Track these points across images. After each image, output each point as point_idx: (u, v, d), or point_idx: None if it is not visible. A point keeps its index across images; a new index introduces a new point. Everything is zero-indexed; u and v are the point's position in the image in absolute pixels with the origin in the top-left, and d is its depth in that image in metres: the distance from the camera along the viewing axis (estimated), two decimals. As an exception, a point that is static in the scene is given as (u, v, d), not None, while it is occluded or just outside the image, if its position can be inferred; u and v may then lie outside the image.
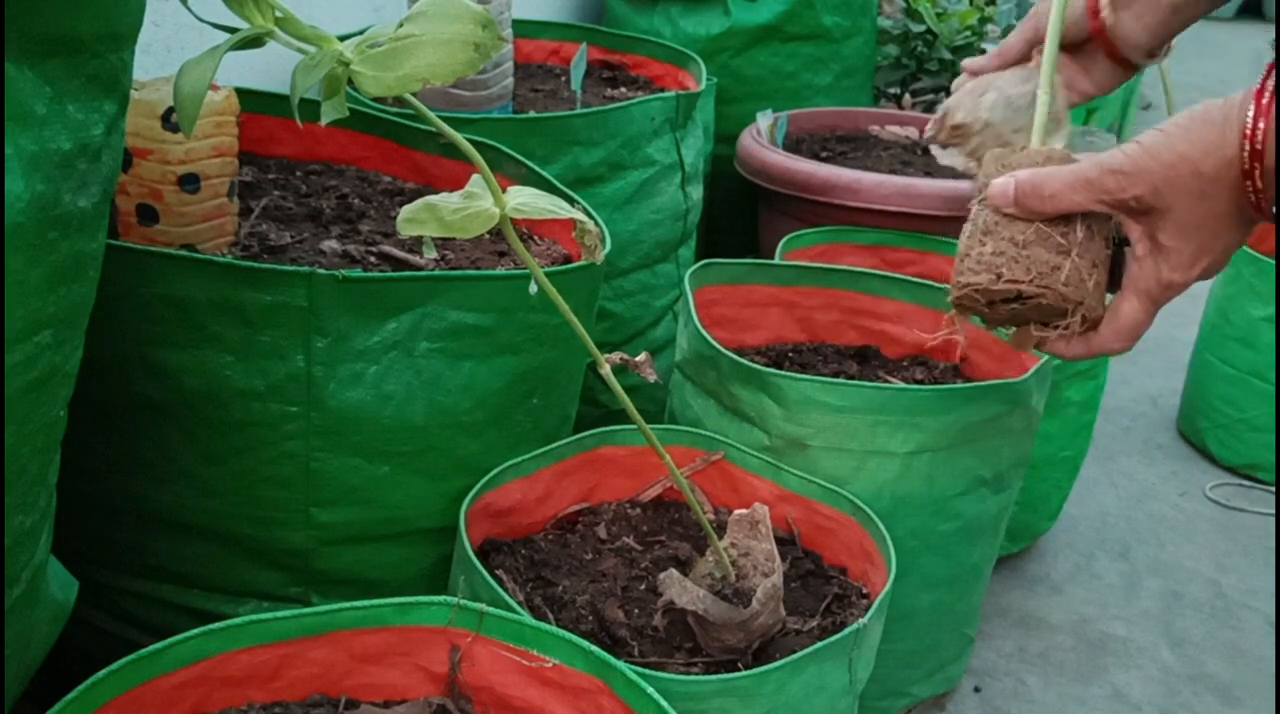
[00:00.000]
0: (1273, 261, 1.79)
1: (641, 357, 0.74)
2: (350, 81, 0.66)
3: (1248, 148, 0.56)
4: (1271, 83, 0.57)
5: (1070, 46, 0.82)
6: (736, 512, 0.93)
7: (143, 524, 0.95)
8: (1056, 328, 0.65)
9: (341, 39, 0.65)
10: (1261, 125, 0.56)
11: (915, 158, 1.84)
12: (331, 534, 0.95)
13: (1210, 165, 0.57)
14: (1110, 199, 0.61)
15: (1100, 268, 0.63)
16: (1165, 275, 0.61)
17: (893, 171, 1.73)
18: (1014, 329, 0.70)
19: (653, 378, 0.74)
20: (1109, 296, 0.66)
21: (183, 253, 0.96)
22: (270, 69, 1.44)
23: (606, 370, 0.73)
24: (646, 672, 0.77)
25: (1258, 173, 0.56)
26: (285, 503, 0.93)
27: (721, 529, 0.96)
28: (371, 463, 0.93)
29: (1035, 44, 0.81)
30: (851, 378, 1.30)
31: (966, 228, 0.67)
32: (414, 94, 0.62)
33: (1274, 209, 0.58)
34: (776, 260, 1.43)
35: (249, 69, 1.39)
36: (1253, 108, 0.57)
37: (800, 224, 1.58)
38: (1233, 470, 1.94)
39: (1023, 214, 0.62)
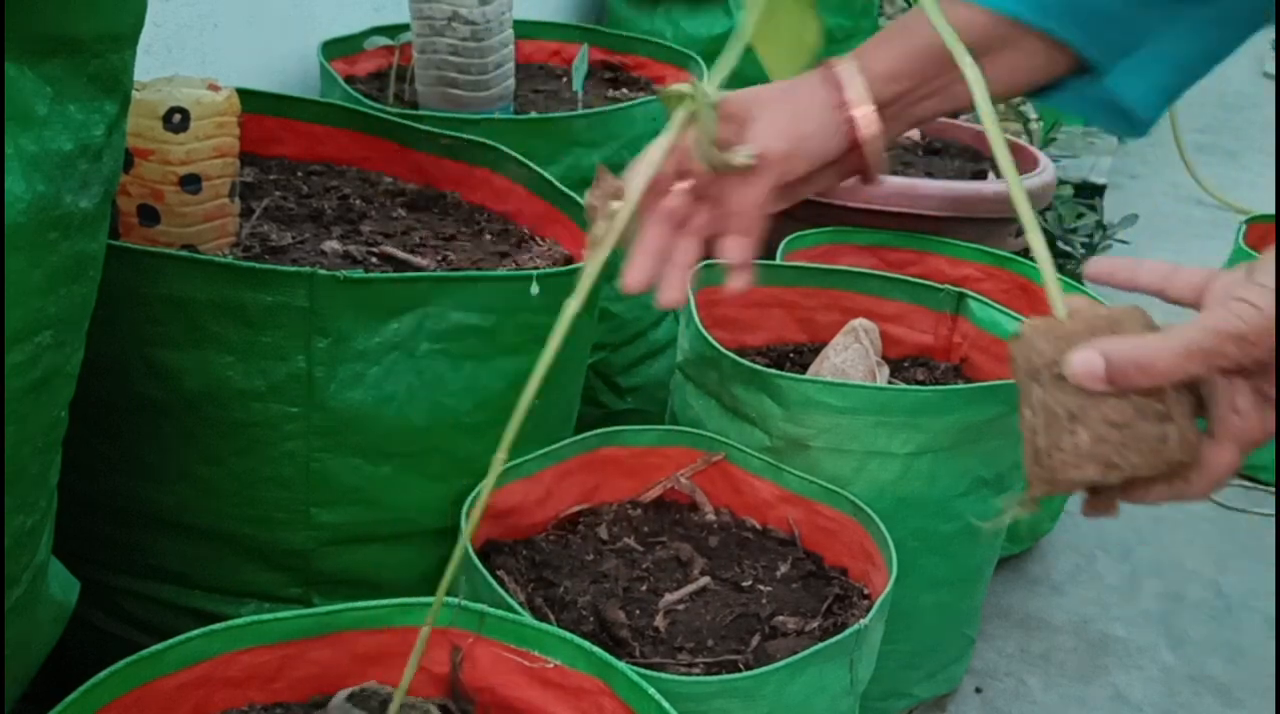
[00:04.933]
0: (1274, 262, 1.79)
1: None
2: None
3: None
4: None
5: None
6: None
7: (144, 525, 0.95)
8: (1149, 488, 0.59)
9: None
10: None
11: (916, 158, 1.84)
12: (332, 535, 0.95)
13: None
14: (1229, 365, 0.56)
15: (1192, 418, 0.58)
16: (1270, 425, 0.58)
17: (893, 172, 1.73)
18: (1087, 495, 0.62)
19: None
20: None
21: (184, 253, 0.96)
22: (271, 69, 1.44)
23: None
24: (648, 672, 0.77)
25: None
26: (286, 503, 0.93)
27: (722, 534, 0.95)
28: (372, 463, 0.93)
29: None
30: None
31: (1031, 413, 0.58)
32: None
33: None
34: (777, 261, 1.43)
35: (250, 69, 1.40)
36: None
37: (801, 224, 1.57)
38: (1234, 471, 1.93)
39: (1118, 390, 0.56)
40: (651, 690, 0.74)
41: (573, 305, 0.64)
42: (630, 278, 0.71)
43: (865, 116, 0.75)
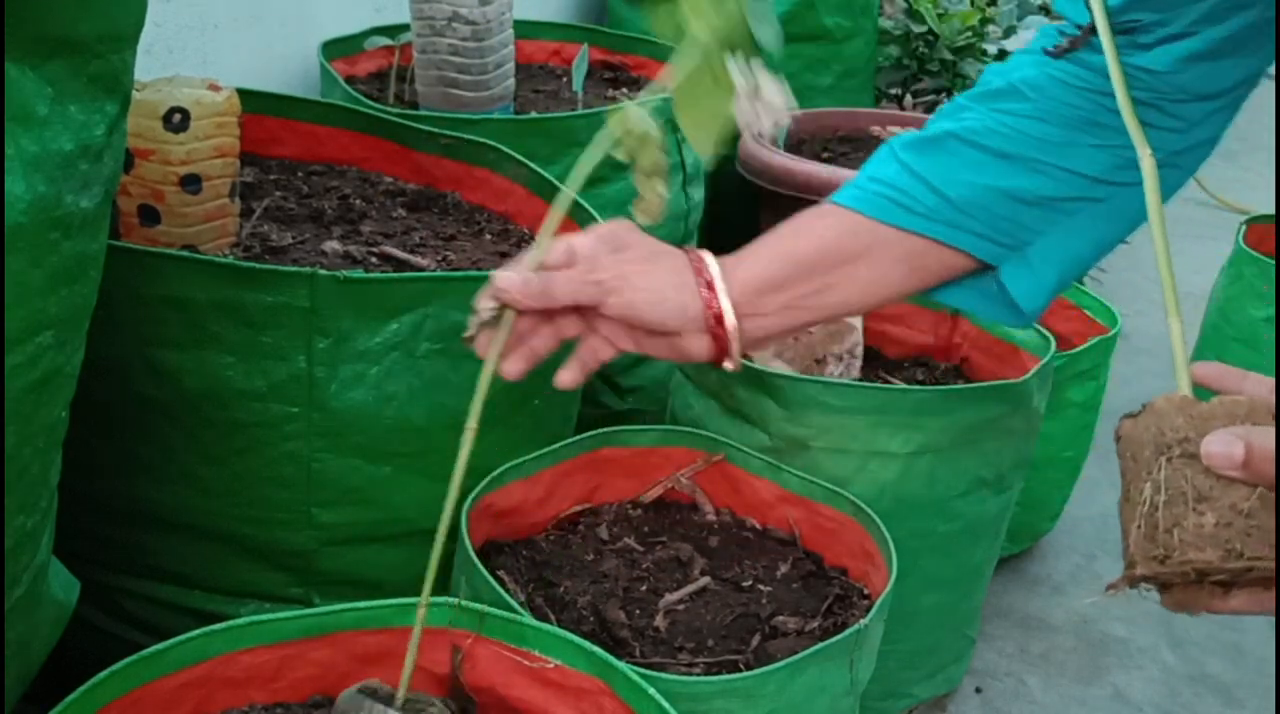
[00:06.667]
0: (1273, 262, 1.79)
1: None
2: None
3: None
4: None
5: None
6: None
7: (144, 525, 0.95)
8: (1246, 593, 0.57)
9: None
10: None
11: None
12: (333, 535, 0.95)
13: None
14: None
15: None
16: None
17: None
18: (1172, 590, 0.60)
19: None
20: None
21: (184, 253, 0.96)
22: (271, 69, 1.44)
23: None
24: (648, 672, 0.77)
25: None
26: (287, 503, 0.93)
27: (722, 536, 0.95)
28: (373, 463, 0.93)
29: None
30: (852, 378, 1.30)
31: (1153, 489, 0.57)
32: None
33: None
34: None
35: (251, 69, 1.40)
36: None
37: (801, 225, 1.57)
38: (1234, 471, 1.93)
39: (1252, 480, 0.55)
40: (651, 690, 0.74)
41: (470, 427, 0.73)
42: (508, 370, 0.75)
43: (729, 315, 0.74)
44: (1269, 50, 0.75)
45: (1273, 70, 0.80)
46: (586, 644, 0.78)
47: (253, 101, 1.14)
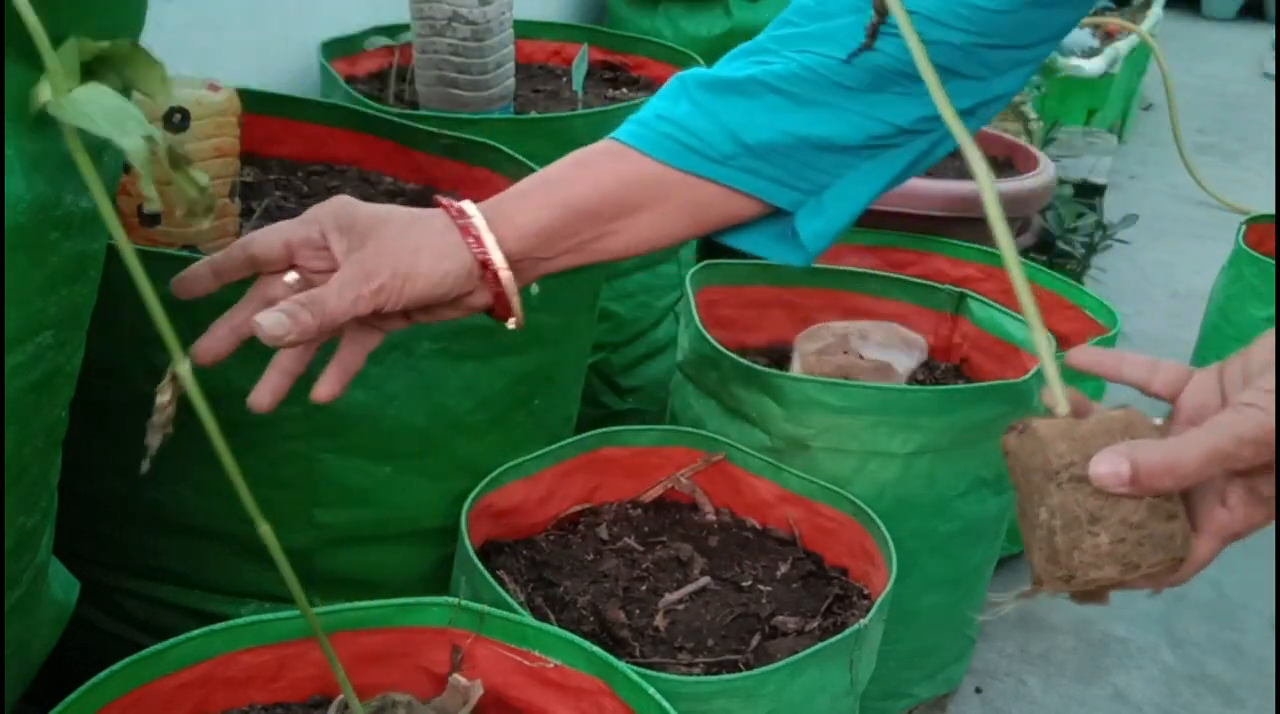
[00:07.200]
0: (1273, 262, 1.79)
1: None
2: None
3: None
4: None
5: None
6: None
7: (144, 525, 0.95)
8: (1140, 580, 0.61)
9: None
10: None
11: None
12: (333, 535, 0.95)
13: None
14: (1243, 467, 0.58)
15: (1183, 512, 0.60)
16: (1258, 521, 0.61)
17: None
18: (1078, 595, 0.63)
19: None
20: None
21: (184, 253, 0.96)
22: (271, 69, 1.44)
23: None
24: (648, 672, 0.77)
25: None
26: (287, 503, 0.93)
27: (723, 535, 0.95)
28: (373, 463, 0.93)
29: None
30: (853, 378, 1.30)
31: (1048, 514, 0.59)
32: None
33: None
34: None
35: (251, 69, 1.39)
36: None
37: (801, 224, 1.57)
38: (1234, 471, 1.93)
39: (1140, 494, 0.58)
40: (651, 690, 0.74)
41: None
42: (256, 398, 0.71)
43: (503, 268, 0.70)
44: (1087, 5, 0.76)
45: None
46: (586, 644, 0.78)
47: (253, 101, 1.14)
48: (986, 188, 0.61)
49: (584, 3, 2.29)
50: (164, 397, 0.63)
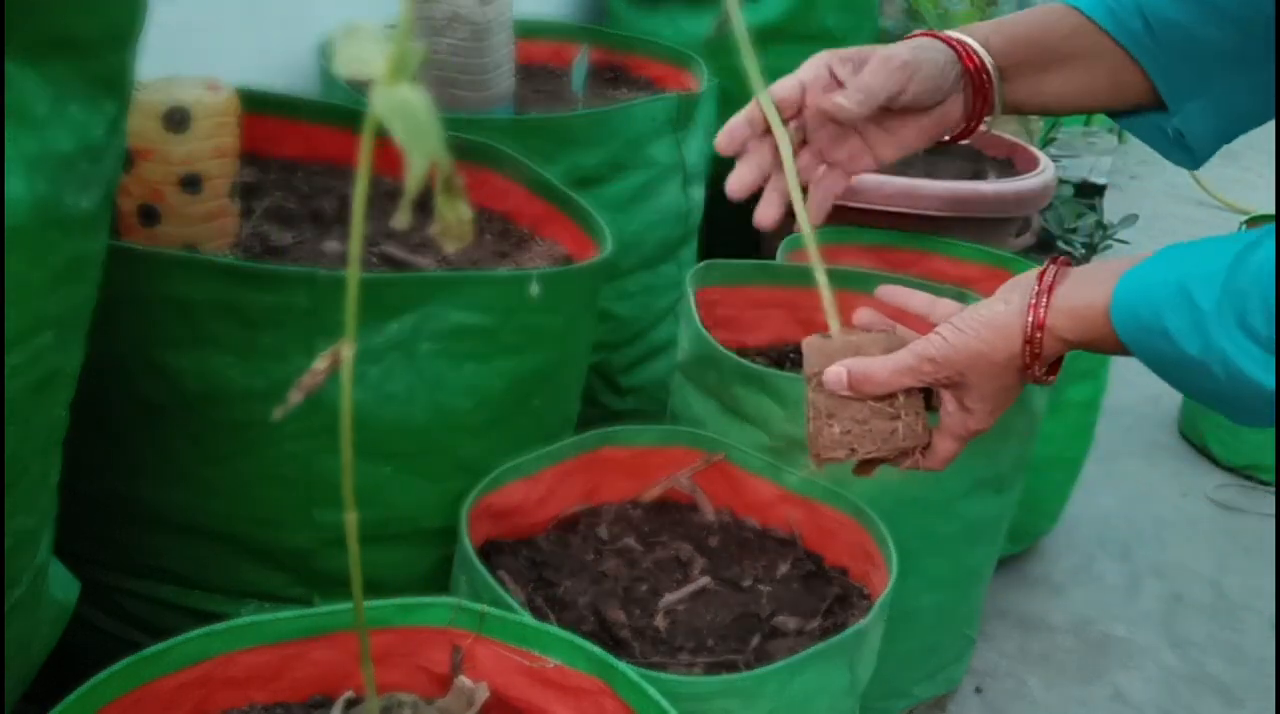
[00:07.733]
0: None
1: None
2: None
3: (1028, 351, 0.74)
4: (1045, 298, 0.73)
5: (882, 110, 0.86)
6: None
7: (144, 525, 0.95)
8: (900, 462, 0.80)
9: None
10: (1039, 335, 0.73)
11: (916, 158, 1.84)
12: (333, 535, 0.95)
13: (1001, 358, 0.74)
14: (930, 380, 0.76)
15: (922, 414, 0.78)
16: (971, 426, 0.78)
17: (894, 172, 1.73)
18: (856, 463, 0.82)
19: None
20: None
21: (184, 253, 0.96)
22: (271, 69, 1.44)
23: None
24: (648, 672, 0.77)
25: (1036, 365, 0.74)
26: (287, 503, 0.93)
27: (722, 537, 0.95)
28: (373, 464, 0.93)
29: (897, 95, 0.84)
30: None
31: (809, 409, 0.79)
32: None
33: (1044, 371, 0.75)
34: (778, 261, 1.43)
35: (251, 69, 1.40)
36: (1030, 317, 0.73)
37: (801, 225, 1.57)
38: (1234, 471, 1.94)
39: (856, 396, 0.76)
40: (652, 690, 0.74)
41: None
42: (732, 184, 0.84)
43: (978, 50, 0.87)
44: None
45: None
46: (586, 644, 0.78)
47: (253, 101, 1.14)
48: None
49: (584, 3, 2.29)
50: (322, 364, 0.65)
